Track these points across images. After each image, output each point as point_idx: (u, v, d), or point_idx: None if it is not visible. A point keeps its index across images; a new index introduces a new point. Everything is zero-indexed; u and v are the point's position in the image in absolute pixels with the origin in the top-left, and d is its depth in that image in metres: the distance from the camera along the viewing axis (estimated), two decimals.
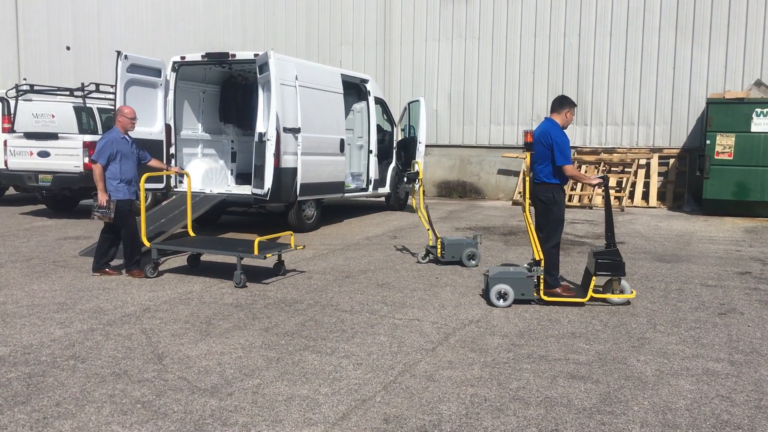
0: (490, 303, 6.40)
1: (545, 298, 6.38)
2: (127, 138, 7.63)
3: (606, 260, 6.27)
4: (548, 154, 6.39)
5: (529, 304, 6.43)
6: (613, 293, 6.42)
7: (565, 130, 6.53)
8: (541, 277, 6.36)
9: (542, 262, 6.33)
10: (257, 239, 7.28)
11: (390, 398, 4.13)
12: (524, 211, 6.43)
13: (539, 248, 6.35)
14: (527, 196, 6.40)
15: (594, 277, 6.29)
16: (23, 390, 4.21)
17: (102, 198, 7.34)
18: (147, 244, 7.72)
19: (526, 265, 6.68)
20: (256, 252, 7.07)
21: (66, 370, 4.56)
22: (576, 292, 6.54)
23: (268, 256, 7.14)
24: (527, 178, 6.38)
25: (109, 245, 7.64)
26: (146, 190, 11.07)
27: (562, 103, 6.58)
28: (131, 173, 7.59)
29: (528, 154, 6.29)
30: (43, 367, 4.61)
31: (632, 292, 6.48)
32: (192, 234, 8.38)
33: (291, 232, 8.09)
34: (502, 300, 6.35)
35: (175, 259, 8.60)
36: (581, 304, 6.43)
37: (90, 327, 5.58)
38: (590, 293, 6.32)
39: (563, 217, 6.58)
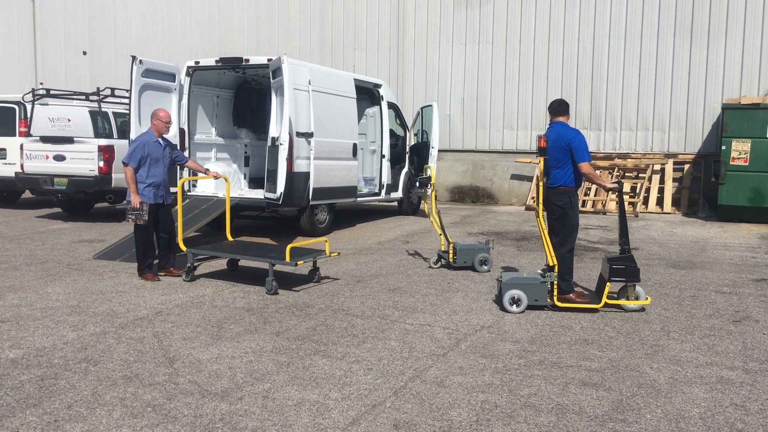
0: (503, 309, 6.37)
1: (559, 303, 6.34)
2: (161, 141, 7.60)
3: (620, 266, 6.22)
4: (566, 157, 6.35)
5: (543, 310, 6.40)
6: (627, 299, 6.37)
7: None
8: (555, 282, 6.32)
9: (556, 267, 6.30)
10: (289, 246, 7.18)
11: (400, 404, 4.12)
12: (537, 216, 6.40)
13: (553, 254, 6.32)
14: (540, 201, 6.38)
15: (608, 283, 6.25)
16: (35, 392, 4.23)
17: (134, 200, 7.35)
18: (183, 248, 7.69)
19: (539, 270, 6.64)
20: (287, 259, 6.99)
21: (78, 373, 4.58)
22: (590, 298, 6.49)
23: (299, 263, 7.02)
24: (541, 183, 6.35)
25: (161, 246, 7.79)
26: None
27: (564, 105, 6.62)
28: (159, 177, 7.56)
29: (542, 159, 6.27)
30: (55, 370, 4.64)
31: (647, 298, 6.43)
32: (230, 238, 8.29)
33: (326, 239, 7.99)
34: (515, 306, 6.32)
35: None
36: (595, 310, 6.38)
37: (102, 330, 5.61)
38: (604, 299, 6.28)
39: (578, 222, 6.56)
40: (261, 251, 7.63)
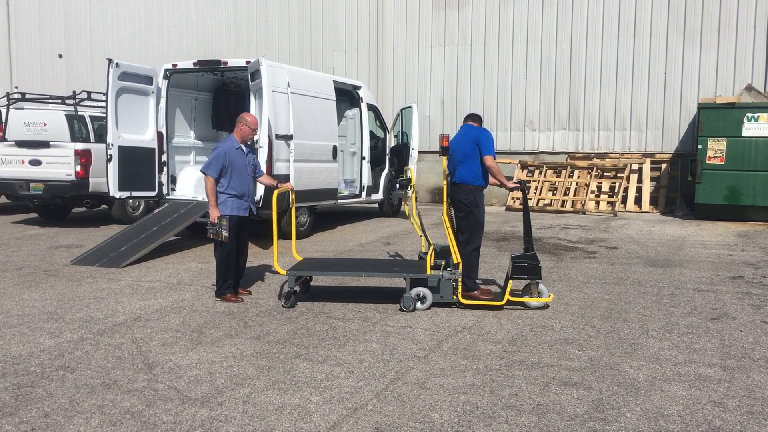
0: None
1: (463, 301, 6.44)
2: (243, 148, 6.91)
3: (523, 263, 6.32)
4: (473, 152, 6.47)
5: (449, 307, 6.47)
6: (531, 297, 6.46)
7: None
8: (460, 280, 6.41)
9: (460, 265, 6.40)
10: (428, 255, 6.70)
11: (382, 406, 4.11)
12: (443, 214, 6.51)
13: (457, 251, 6.42)
14: (445, 198, 6.52)
15: (510, 281, 6.35)
16: (11, 401, 4.17)
17: (212, 214, 6.67)
18: (282, 272, 6.80)
19: (449, 268, 6.67)
20: (429, 271, 6.45)
21: (55, 381, 4.52)
22: (494, 296, 6.59)
23: (441, 273, 6.51)
24: (444, 182, 6.51)
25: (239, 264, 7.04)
26: (138, 197, 11.11)
27: (477, 115, 6.88)
28: (243, 187, 6.84)
29: (444, 158, 6.44)
30: (31, 378, 4.57)
31: (550, 295, 6.53)
32: (298, 258, 7.29)
33: (433, 244, 7.28)
34: (420, 302, 6.41)
35: (166, 267, 8.56)
36: (499, 308, 6.46)
37: (80, 337, 5.54)
38: (507, 296, 6.37)
39: (484, 221, 6.67)
40: (379, 266, 6.96)
